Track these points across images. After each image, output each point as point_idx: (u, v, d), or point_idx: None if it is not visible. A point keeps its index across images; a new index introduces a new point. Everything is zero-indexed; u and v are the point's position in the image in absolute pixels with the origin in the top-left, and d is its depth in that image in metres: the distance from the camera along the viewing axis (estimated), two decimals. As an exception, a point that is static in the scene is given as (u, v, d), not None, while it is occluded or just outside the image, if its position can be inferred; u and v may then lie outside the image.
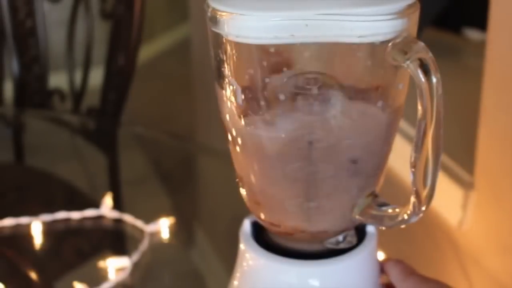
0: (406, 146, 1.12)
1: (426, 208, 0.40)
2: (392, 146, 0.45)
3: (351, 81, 0.39)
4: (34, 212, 0.85)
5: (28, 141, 1.21)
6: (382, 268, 0.48)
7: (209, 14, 0.41)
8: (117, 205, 0.89)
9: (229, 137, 0.44)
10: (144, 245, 0.79)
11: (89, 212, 0.85)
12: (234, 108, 0.42)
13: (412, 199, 0.40)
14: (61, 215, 0.85)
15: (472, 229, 1.12)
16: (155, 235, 0.82)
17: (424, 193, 0.39)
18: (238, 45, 0.39)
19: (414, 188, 0.39)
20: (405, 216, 0.41)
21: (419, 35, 0.41)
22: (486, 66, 1.05)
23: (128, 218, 0.84)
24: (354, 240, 0.46)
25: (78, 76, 1.35)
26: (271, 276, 0.46)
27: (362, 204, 0.44)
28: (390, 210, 0.43)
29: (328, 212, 0.44)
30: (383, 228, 0.44)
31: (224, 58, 0.41)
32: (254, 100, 0.40)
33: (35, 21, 1.33)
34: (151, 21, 2.87)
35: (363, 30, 0.37)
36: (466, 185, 1.14)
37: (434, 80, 0.36)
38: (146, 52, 3.11)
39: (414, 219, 0.41)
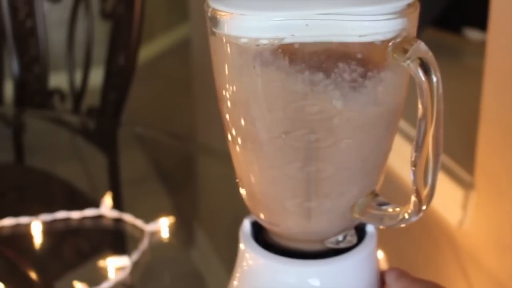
0: (406, 146, 1.12)
1: (427, 207, 0.40)
2: (392, 145, 0.45)
3: (351, 80, 0.39)
4: (34, 212, 0.85)
5: (28, 141, 1.21)
6: (383, 280, 0.48)
7: (209, 14, 0.41)
8: (117, 204, 0.89)
9: (229, 137, 0.44)
10: (144, 244, 0.79)
11: (89, 212, 0.85)
12: (234, 108, 0.42)
13: (413, 198, 0.40)
14: (61, 215, 0.85)
15: (472, 229, 1.12)
16: (155, 234, 0.82)
17: (425, 192, 0.39)
18: (238, 45, 0.39)
19: (415, 187, 0.39)
20: (406, 216, 0.41)
21: (419, 35, 0.41)
22: (486, 66, 1.05)
23: (128, 217, 0.84)
24: (354, 239, 0.46)
25: (78, 76, 1.35)
26: (271, 276, 0.46)
27: (362, 203, 0.44)
28: (390, 210, 0.43)
29: (328, 212, 0.44)
30: (383, 227, 0.44)
31: (224, 58, 0.41)
32: (254, 100, 0.40)
33: (35, 21, 1.33)
34: (151, 21, 2.87)
35: (364, 30, 0.38)
36: (466, 185, 1.14)
37: (434, 79, 0.36)
38: (146, 52, 3.11)
39: (415, 219, 0.41)
